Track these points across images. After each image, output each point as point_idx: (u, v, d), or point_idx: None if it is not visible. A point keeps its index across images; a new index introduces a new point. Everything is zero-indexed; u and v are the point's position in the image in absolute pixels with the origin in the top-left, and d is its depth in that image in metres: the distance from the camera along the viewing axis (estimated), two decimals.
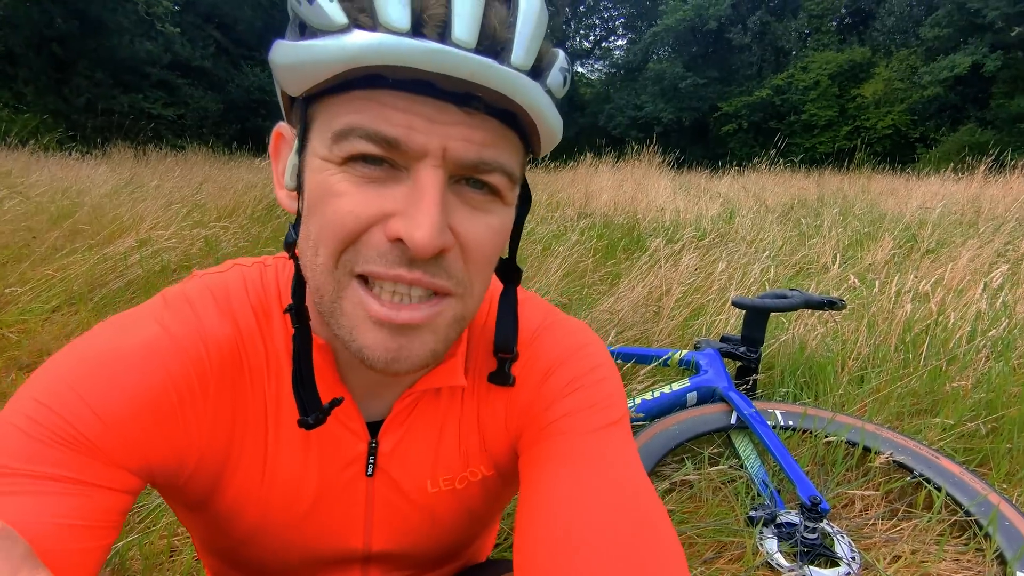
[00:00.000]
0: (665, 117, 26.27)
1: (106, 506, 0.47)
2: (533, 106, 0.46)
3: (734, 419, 1.87)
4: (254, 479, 0.58)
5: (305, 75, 0.45)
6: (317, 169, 0.48)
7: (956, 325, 2.52)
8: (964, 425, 1.93)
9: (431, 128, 0.45)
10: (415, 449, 0.63)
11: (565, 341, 0.65)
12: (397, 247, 0.46)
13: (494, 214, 0.51)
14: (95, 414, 0.47)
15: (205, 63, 18.41)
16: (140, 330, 0.53)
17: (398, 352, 0.49)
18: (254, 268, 0.61)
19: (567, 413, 0.60)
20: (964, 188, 7.92)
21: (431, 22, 0.42)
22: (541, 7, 0.46)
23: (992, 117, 20.65)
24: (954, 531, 1.57)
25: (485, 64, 0.42)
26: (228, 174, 6.43)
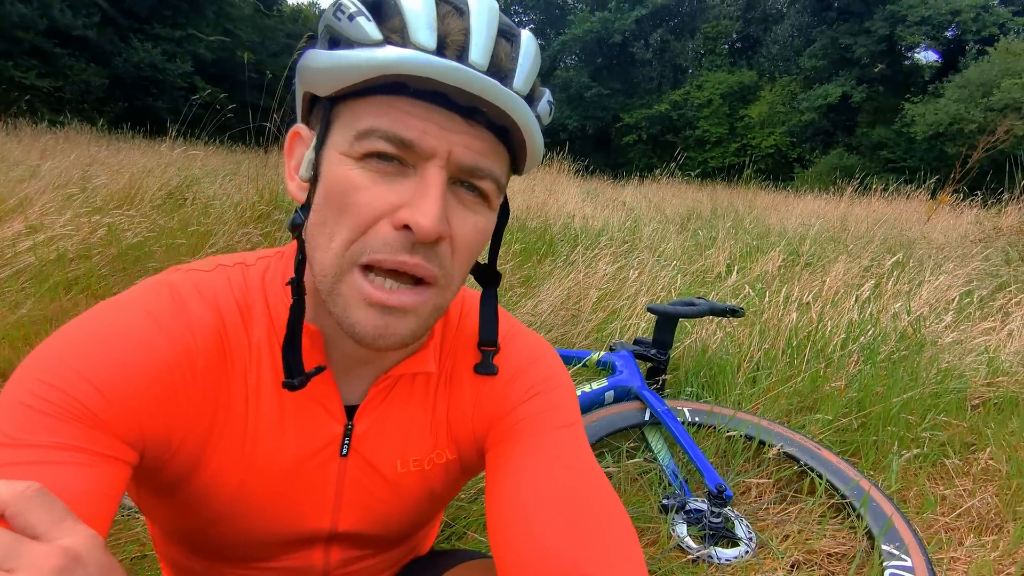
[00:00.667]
0: (570, 124, 27.04)
1: (111, 474, 0.51)
2: (526, 124, 0.56)
3: (647, 416, 2.02)
4: (233, 457, 0.62)
5: (339, 77, 0.53)
6: (336, 162, 0.55)
7: (832, 332, 2.85)
8: (839, 420, 2.20)
9: (441, 134, 0.53)
10: (388, 431, 0.69)
11: (529, 350, 0.74)
12: (402, 234, 0.54)
13: (481, 215, 0.59)
14: (96, 389, 0.51)
15: (88, 33, 16.73)
16: (131, 318, 0.56)
17: (385, 329, 0.56)
18: (236, 268, 0.66)
19: (531, 414, 0.68)
20: (834, 207, 8.79)
21: (452, 46, 0.52)
22: (537, 50, 0.58)
23: (857, 143, 22.92)
24: (832, 512, 1.79)
25: (493, 83, 0.52)
26: (119, 157, 5.95)
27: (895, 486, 1.94)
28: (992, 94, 18.00)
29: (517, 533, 0.60)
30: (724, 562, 1.57)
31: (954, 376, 2.57)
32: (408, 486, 0.71)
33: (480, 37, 0.52)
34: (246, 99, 4.52)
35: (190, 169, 5.27)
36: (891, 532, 1.57)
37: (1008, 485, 1.90)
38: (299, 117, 0.63)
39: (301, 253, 0.59)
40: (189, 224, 3.39)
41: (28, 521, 0.35)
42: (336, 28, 0.53)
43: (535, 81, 0.58)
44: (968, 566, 1.60)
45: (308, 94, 0.59)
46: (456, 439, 0.73)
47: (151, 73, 17.95)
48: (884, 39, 22.14)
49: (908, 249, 4.86)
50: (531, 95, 0.58)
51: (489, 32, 0.53)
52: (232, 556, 0.71)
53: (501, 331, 0.73)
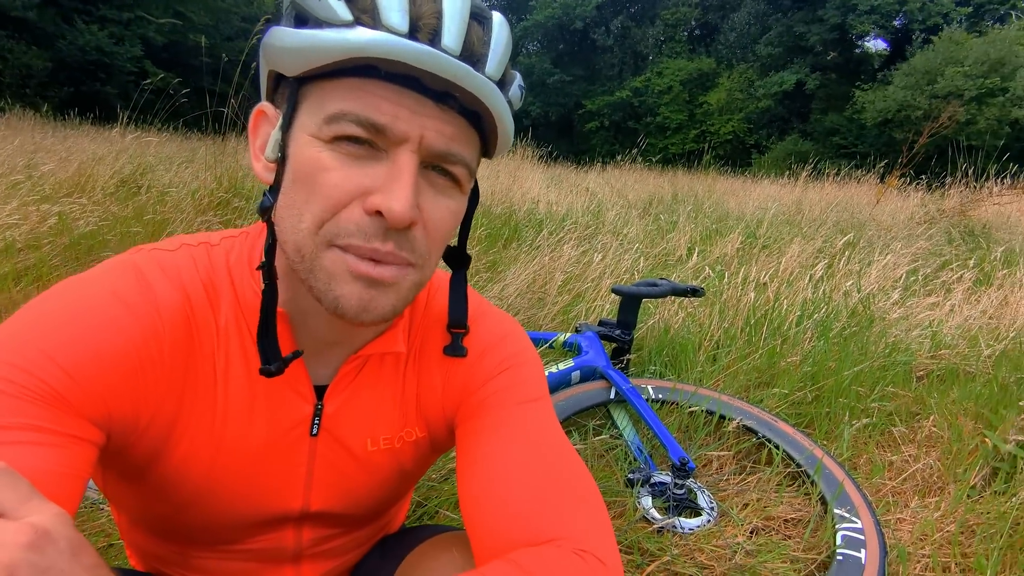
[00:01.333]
0: (534, 111, 27.03)
1: (78, 455, 0.50)
2: (498, 109, 0.56)
3: (613, 394, 2.08)
4: (203, 439, 0.62)
5: (307, 58, 0.52)
6: (306, 144, 0.54)
7: (788, 311, 2.95)
8: (795, 394, 2.29)
9: (413, 119, 0.53)
10: (358, 411, 0.69)
11: (497, 327, 0.76)
12: (375, 220, 0.54)
13: (453, 199, 0.60)
14: (62, 369, 0.50)
15: (28, 14, 15.81)
16: (96, 297, 0.55)
17: (369, 302, 0.56)
18: (200, 248, 0.65)
19: (500, 389, 0.70)
20: (790, 191, 9.03)
21: (424, 29, 0.51)
22: (509, 35, 0.58)
23: (811, 130, 23.51)
24: (788, 480, 1.88)
25: (466, 69, 0.52)
26: (66, 144, 5.72)
27: (846, 454, 2.04)
28: (936, 82, 18.67)
29: (488, 502, 0.62)
30: (688, 531, 1.63)
31: (901, 350, 2.70)
32: (378, 464, 0.72)
33: (453, 21, 0.52)
34: (201, 84, 4.39)
35: (143, 156, 5.11)
36: (843, 497, 1.66)
37: (949, 450, 2.02)
38: (263, 95, 0.62)
39: (271, 237, 0.59)
40: (144, 212, 3.30)
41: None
42: (303, 5, 0.52)
43: (507, 65, 0.58)
44: (913, 526, 1.70)
45: (273, 72, 0.58)
46: (426, 417, 0.74)
47: (98, 57, 17.10)
48: (836, 28, 22.70)
49: (859, 230, 5.05)
50: (503, 80, 0.58)
51: (462, 15, 0.52)
52: (203, 540, 0.71)
53: (470, 310, 0.74)
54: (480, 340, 0.73)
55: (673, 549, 1.53)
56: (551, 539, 0.59)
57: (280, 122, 0.57)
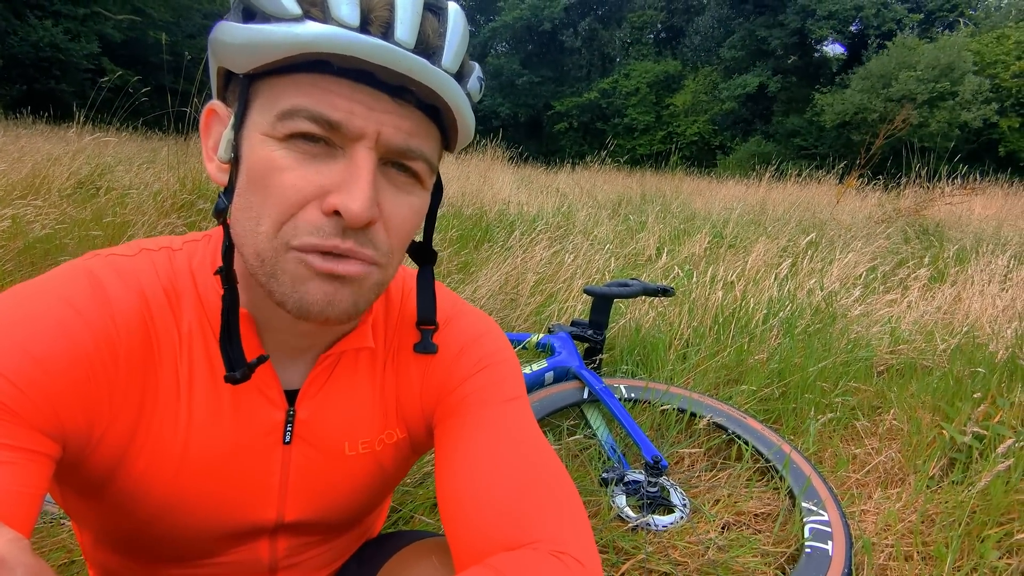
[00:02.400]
0: (503, 111, 27.07)
1: (33, 470, 0.48)
2: (456, 104, 0.55)
3: (586, 394, 2.09)
4: (166, 450, 0.59)
5: (256, 55, 0.50)
6: (259, 143, 0.53)
7: (755, 309, 3.02)
8: (763, 390, 2.35)
9: (368, 115, 0.52)
10: (333, 414, 0.68)
11: (472, 327, 0.75)
12: (332, 220, 0.52)
13: (414, 195, 0.58)
14: (8, 380, 0.48)
15: None
16: (44, 304, 0.53)
17: (333, 296, 0.55)
18: (162, 253, 0.63)
19: (477, 388, 0.69)
20: (754, 192, 9.23)
21: (376, 22, 0.49)
22: (465, 25, 0.56)
23: (773, 131, 24.05)
24: (758, 476, 1.92)
25: (421, 63, 0.51)
26: (19, 143, 5.50)
27: (812, 448, 2.10)
28: (891, 86, 19.28)
29: (466, 503, 0.61)
30: (661, 528, 1.65)
31: (862, 345, 2.78)
32: (357, 468, 0.70)
33: (406, 13, 0.50)
34: (162, 82, 4.28)
35: (102, 157, 4.96)
36: (810, 490, 1.71)
37: (909, 442, 2.09)
38: (214, 93, 0.60)
39: (228, 239, 0.57)
40: (104, 215, 3.20)
41: None
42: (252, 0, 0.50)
43: (464, 57, 0.56)
44: (877, 517, 1.75)
45: (223, 69, 0.56)
46: (405, 418, 0.72)
47: (52, 53, 16.44)
48: (796, 32, 23.26)
49: (820, 230, 5.18)
50: (460, 72, 0.56)
51: (415, 7, 0.50)
52: (170, 556, 0.68)
53: (445, 308, 0.74)
54: (457, 339, 0.72)
55: (647, 547, 1.55)
56: (530, 541, 0.58)
57: (232, 121, 0.55)
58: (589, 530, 0.62)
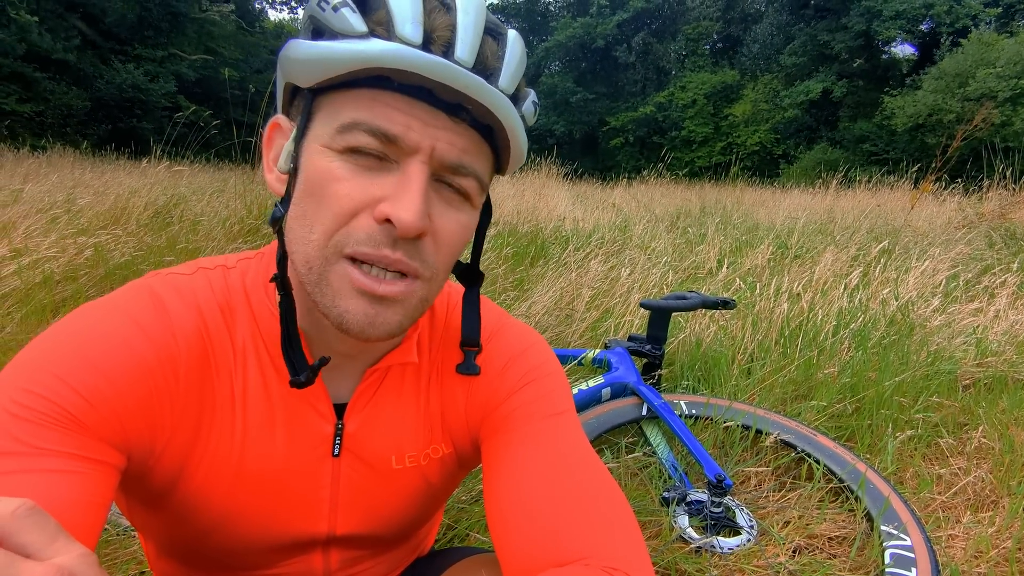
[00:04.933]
0: (557, 130, 27.18)
1: (100, 479, 0.50)
2: (510, 123, 0.56)
3: (645, 411, 2.04)
4: (222, 463, 0.61)
5: (322, 69, 0.52)
6: (317, 154, 0.55)
7: (823, 321, 2.88)
8: (834, 406, 2.22)
9: (425, 130, 0.53)
10: (380, 427, 0.68)
11: (517, 340, 0.74)
12: (384, 228, 0.53)
13: (464, 212, 0.59)
14: (78, 394, 0.50)
15: (68, 56, 16.56)
16: (111, 321, 0.56)
17: (374, 318, 0.56)
18: (217, 271, 0.65)
19: (523, 403, 0.68)
20: (820, 200, 8.87)
21: (438, 41, 0.51)
22: (523, 50, 0.58)
23: (840, 137, 23.14)
24: (831, 496, 1.81)
25: (478, 81, 0.52)
26: (103, 178, 5.92)
27: (891, 468, 1.96)
28: (968, 84, 18.25)
29: (517, 522, 0.60)
30: (727, 551, 1.58)
31: (944, 358, 2.60)
32: (405, 482, 0.71)
33: (467, 33, 0.52)
34: (230, 116, 4.52)
35: (176, 187, 5.26)
36: (889, 513, 1.59)
37: (1001, 462, 1.92)
38: (279, 108, 0.63)
39: (283, 248, 0.59)
40: (177, 242, 3.39)
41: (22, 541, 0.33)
42: (320, 19, 0.53)
43: (520, 81, 0.58)
44: (966, 542, 1.62)
45: (289, 85, 0.59)
46: (451, 433, 0.73)
47: (134, 94, 17.81)
48: (861, 34, 22.42)
49: (894, 237, 4.91)
50: (516, 95, 0.57)
51: (476, 29, 0.52)
52: (230, 566, 0.70)
53: (490, 324, 0.74)
54: (501, 354, 0.72)
55: (712, 570, 1.48)
56: (580, 557, 0.57)
57: (294, 134, 0.57)
58: (643, 546, 0.60)
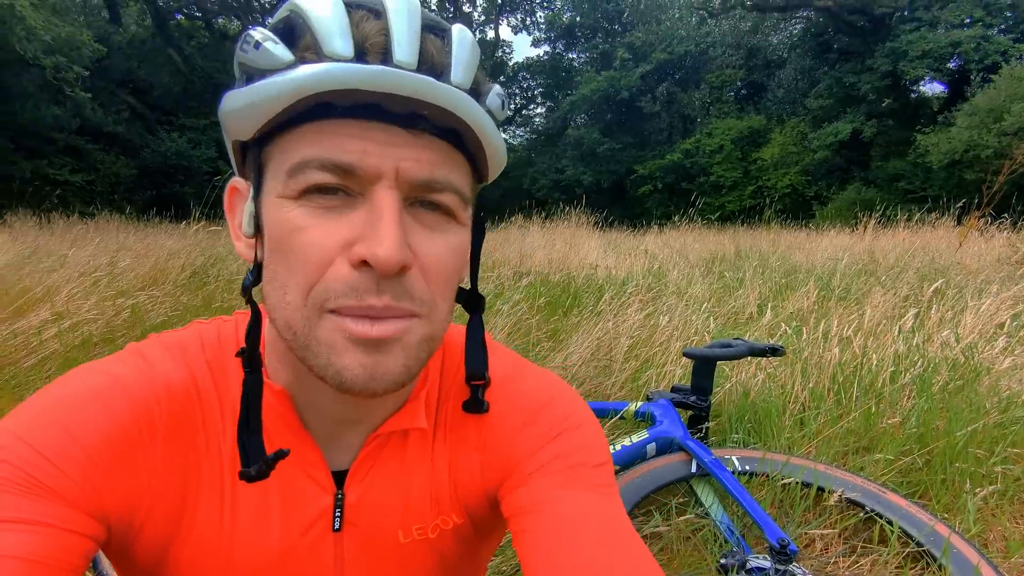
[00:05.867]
0: (585, 180, 27.43)
1: (69, 547, 0.46)
2: (475, 121, 0.49)
3: (694, 467, 1.90)
4: (212, 539, 0.56)
5: (258, 113, 0.47)
6: (275, 207, 0.49)
7: (879, 366, 2.71)
8: (901, 459, 2.05)
9: (383, 151, 0.47)
10: (383, 498, 0.61)
11: (541, 387, 0.66)
12: (363, 273, 0.47)
13: (450, 233, 0.53)
14: (48, 460, 0.47)
15: (118, 128, 17.61)
16: (91, 379, 0.53)
17: (375, 368, 0.49)
18: (212, 324, 0.62)
19: (553, 457, 0.60)
20: (859, 241, 8.63)
21: (373, 50, 0.46)
22: (473, 41, 0.51)
23: (873, 177, 22.81)
24: (910, 562, 1.64)
25: (426, 81, 0.46)
26: (146, 242, 6.11)
27: (974, 529, 1.78)
28: (1003, 119, 17.92)
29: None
30: None
31: (1019, 404, 2.40)
32: (416, 558, 0.63)
33: (402, 35, 0.46)
34: None
35: (214, 248, 5.38)
36: None
37: None
38: (235, 170, 0.58)
39: (254, 318, 0.54)
40: (213, 301, 3.42)
41: None
42: (246, 62, 0.48)
43: (478, 74, 0.51)
44: None
45: (237, 143, 0.53)
46: (463, 500, 0.64)
47: (177, 161, 18.73)
48: (888, 75, 22.35)
49: (944, 276, 4.70)
50: (476, 89, 0.51)
51: (412, 28, 0.46)
52: None
53: (504, 368, 0.66)
54: (525, 401, 0.64)
55: None
56: None
57: (251, 192, 0.53)
58: None
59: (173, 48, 20.35)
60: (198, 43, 21.82)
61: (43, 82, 14.77)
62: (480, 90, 0.52)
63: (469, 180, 0.55)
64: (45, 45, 13.61)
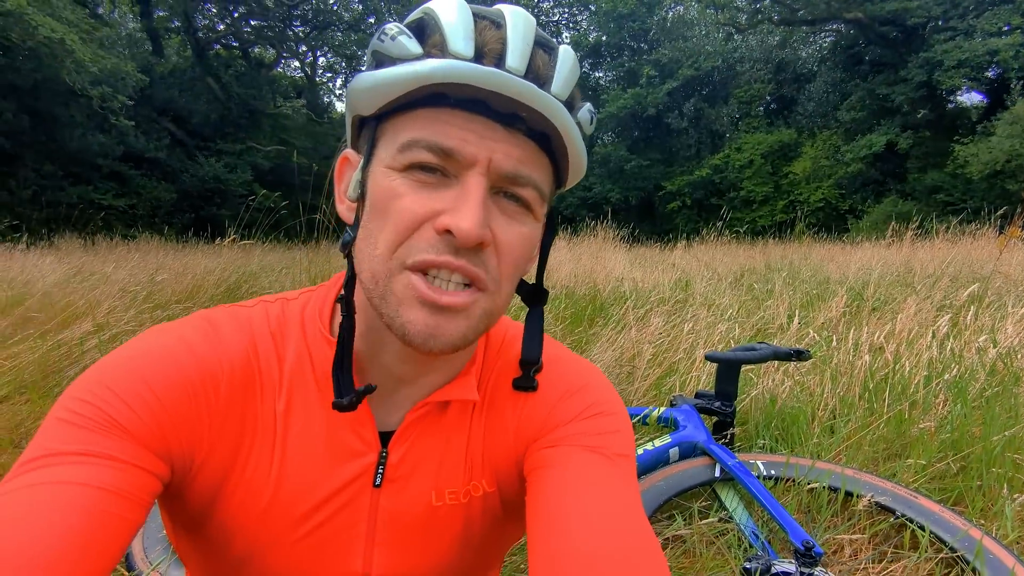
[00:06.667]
0: (613, 197, 27.34)
1: (140, 482, 0.53)
2: (566, 129, 0.56)
3: (718, 472, 1.88)
4: (259, 486, 0.61)
5: (382, 92, 0.55)
6: (381, 175, 0.57)
7: (912, 372, 2.64)
8: (934, 465, 1.99)
9: (481, 142, 0.54)
10: (424, 460, 0.66)
11: (583, 371, 0.71)
12: (445, 238, 0.54)
13: (525, 224, 0.59)
14: (123, 401, 0.54)
15: (159, 154, 18.27)
16: (164, 341, 0.59)
17: (436, 329, 0.55)
18: (277, 303, 0.68)
19: (582, 433, 0.64)
20: (895, 253, 8.42)
21: (490, 54, 0.53)
22: (575, 61, 0.58)
23: (910, 189, 22.25)
24: (942, 567, 1.58)
25: (530, 86, 0.52)
26: (183, 260, 6.32)
27: (1012, 534, 1.71)
28: None
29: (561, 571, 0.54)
30: None
31: None
32: (445, 521, 0.67)
33: (517, 45, 0.53)
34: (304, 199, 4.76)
35: (248, 266, 5.53)
36: None
37: None
38: (348, 142, 0.65)
39: (351, 270, 0.61)
40: None
41: None
42: (380, 50, 0.55)
43: (575, 90, 0.58)
44: None
45: (356, 118, 0.61)
46: (495, 468, 0.69)
47: (215, 185, 19.34)
48: (923, 85, 21.88)
49: (984, 284, 4.55)
50: (571, 102, 0.58)
51: (526, 41, 0.54)
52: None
53: (549, 352, 0.71)
54: (562, 383, 0.69)
55: None
56: None
57: (361, 163, 0.60)
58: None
59: (211, 77, 21.12)
60: (235, 72, 22.57)
61: (90, 111, 15.43)
62: (574, 104, 0.59)
63: (550, 181, 0.61)
64: (92, 76, 14.23)
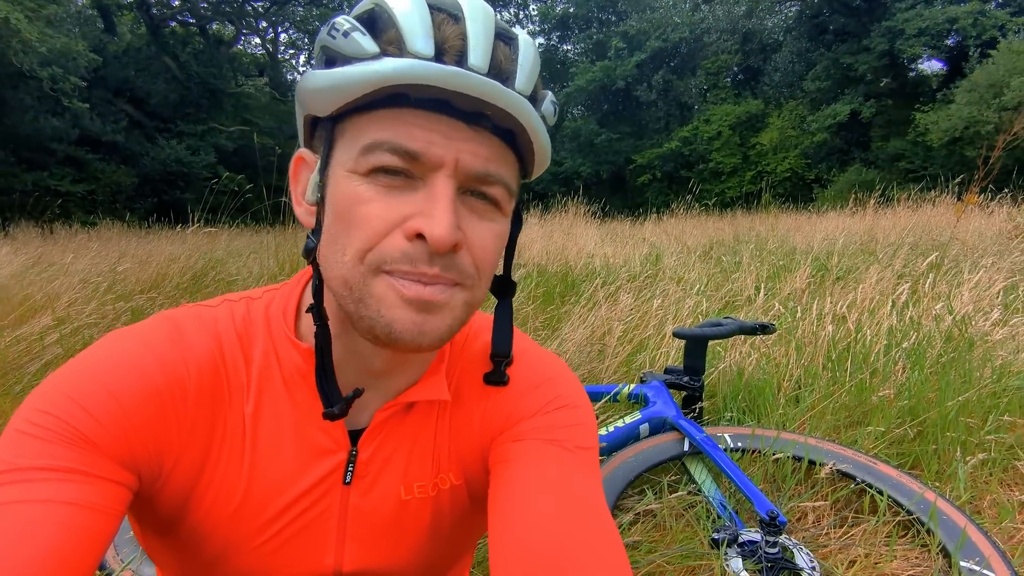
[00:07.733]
0: (584, 171, 27.31)
1: (109, 494, 0.52)
2: (531, 125, 0.55)
3: (687, 446, 1.92)
4: (230, 489, 0.61)
5: (339, 94, 0.52)
6: (343, 179, 0.55)
7: (873, 341, 2.72)
8: (893, 431, 2.06)
9: (447, 143, 0.53)
10: (392, 457, 0.67)
11: (548, 364, 0.72)
12: (417, 244, 0.53)
13: (495, 222, 0.58)
14: (86, 411, 0.52)
15: (117, 137, 17.62)
16: (127, 347, 0.58)
17: (423, 325, 0.55)
18: (241, 303, 0.66)
19: (544, 427, 0.65)
20: (859, 221, 8.61)
21: (450, 52, 0.51)
22: (536, 51, 0.57)
23: (874, 158, 22.67)
24: (900, 531, 1.65)
25: (495, 85, 0.51)
26: (147, 247, 6.15)
27: (965, 496, 1.80)
28: (1003, 94, 17.77)
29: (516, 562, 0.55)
30: None
31: (1011, 373, 2.41)
32: (414, 515, 0.68)
33: (478, 41, 0.52)
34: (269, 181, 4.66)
35: (214, 252, 5.41)
36: (968, 546, 1.44)
37: None
38: (301, 142, 0.63)
39: (318, 277, 0.59)
40: None
41: None
42: (331, 46, 0.53)
43: (537, 82, 0.57)
44: None
45: (309, 117, 0.59)
46: (462, 461, 0.69)
47: (177, 168, 18.71)
48: (885, 54, 22.18)
49: (942, 251, 4.69)
50: (534, 96, 0.57)
51: (487, 35, 0.52)
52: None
53: (518, 347, 0.71)
54: (529, 376, 0.69)
55: None
56: None
57: (318, 164, 0.58)
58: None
59: (168, 56, 20.36)
60: (193, 49, 21.79)
61: (41, 94, 14.79)
62: (537, 96, 0.58)
63: (516, 176, 0.60)
64: (41, 57, 13.62)
